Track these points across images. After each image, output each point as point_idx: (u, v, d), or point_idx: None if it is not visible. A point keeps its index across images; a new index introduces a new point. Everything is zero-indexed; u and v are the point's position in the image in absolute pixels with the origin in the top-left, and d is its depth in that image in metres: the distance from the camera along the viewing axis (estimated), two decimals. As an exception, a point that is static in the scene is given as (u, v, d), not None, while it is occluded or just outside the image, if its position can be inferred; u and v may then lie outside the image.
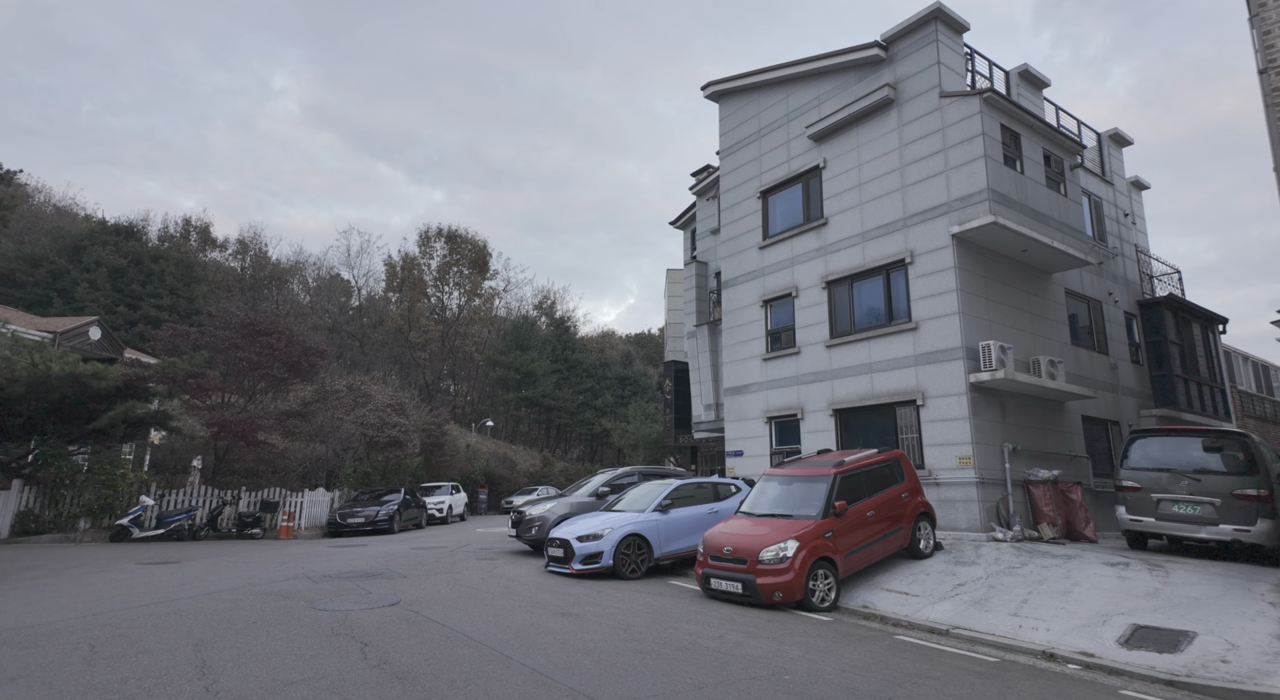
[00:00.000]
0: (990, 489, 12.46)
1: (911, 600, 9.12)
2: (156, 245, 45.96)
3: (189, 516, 18.35)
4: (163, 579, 10.27)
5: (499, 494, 42.88)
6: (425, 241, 62.53)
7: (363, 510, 21.22)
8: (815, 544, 9.16)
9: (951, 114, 13.49)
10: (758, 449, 16.61)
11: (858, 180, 15.19)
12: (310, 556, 13.40)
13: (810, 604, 8.96)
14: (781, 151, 17.25)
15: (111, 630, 6.69)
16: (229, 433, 18.93)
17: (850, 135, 15.52)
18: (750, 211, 17.90)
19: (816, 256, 15.85)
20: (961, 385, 12.60)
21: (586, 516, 12.58)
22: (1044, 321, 14.72)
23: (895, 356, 13.80)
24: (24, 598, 8.63)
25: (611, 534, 11.24)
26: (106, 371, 18.17)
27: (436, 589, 9.48)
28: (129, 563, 12.46)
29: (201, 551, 14.58)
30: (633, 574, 11.23)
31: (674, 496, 12.27)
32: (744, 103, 18.62)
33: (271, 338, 19.80)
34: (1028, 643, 7.24)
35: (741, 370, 17.41)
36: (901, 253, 14.02)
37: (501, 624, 7.33)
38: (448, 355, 61.82)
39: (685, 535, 12.01)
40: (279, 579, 10.19)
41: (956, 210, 13.16)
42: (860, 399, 14.34)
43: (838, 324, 15.21)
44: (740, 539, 9.48)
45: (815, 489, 10.04)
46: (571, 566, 11.17)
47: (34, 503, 17.12)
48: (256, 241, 56.19)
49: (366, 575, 10.63)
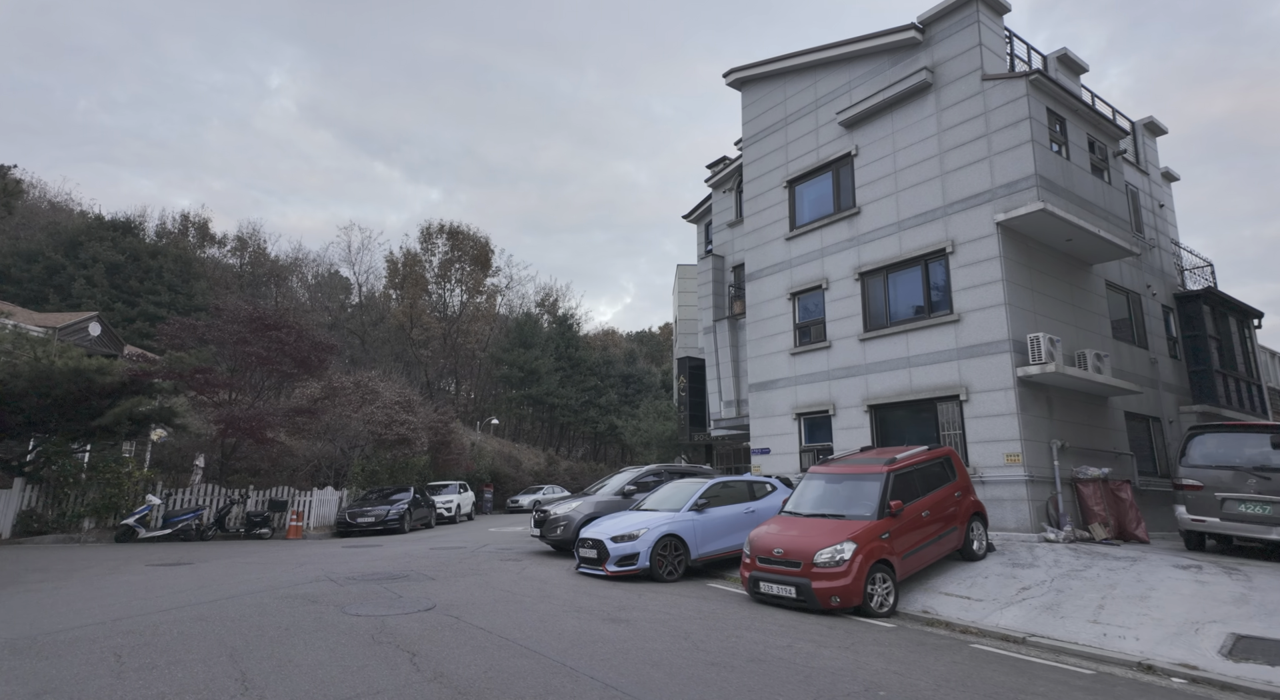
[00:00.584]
0: (1039, 487, 11.94)
1: (975, 605, 8.61)
2: (154, 241, 45.24)
3: (196, 516, 17.81)
4: (178, 581, 9.75)
5: (504, 493, 42.33)
6: (427, 238, 61.84)
7: (372, 509, 20.70)
8: (872, 546, 8.65)
9: (995, 97, 12.97)
10: (786, 446, 16.09)
11: (893, 167, 14.67)
12: (326, 558, 12.87)
13: (868, 609, 8.45)
14: (810, 139, 16.72)
15: (135, 638, 6.17)
16: (237, 430, 18.37)
17: (884, 121, 14.99)
18: (776, 201, 17.37)
19: (849, 247, 15.33)
20: (1009, 379, 12.08)
21: (616, 516, 12.06)
22: (1086, 314, 14.21)
23: (936, 350, 13.29)
24: (36, 602, 8.09)
25: (647, 534, 10.72)
26: (111, 367, 17.59)
27: (469, 592, 8.97)
28: (139, 564, 11.94)
29: (212, 552, 14.03)
30: (670, 576, 10.71)
31: (709, 495, 11.74)
32: (769, 90, 18.08)
33: (281, 332, 19.20)
34: (1117, 652, 6.73)
35: (767, 365, 16.89)
36: (941, 242, 13.50)
37: (551, 631, 6.82)
38: (449, 353, 61.23)
39: (722, 536, 11.49)
40: (300, 582, 9.67)
41: (1001, 198, 12.65)
42: (898, 394, 13.82)
43: (872, 317, 14.69)
44: (792, 541, 8.96)
45: (867, 488, 9.53)
46: (606, 568, 10.66)
47: (36, 502, 16.56)
48: (255, 238, 55.54)
49: (392, 577, 10.11)
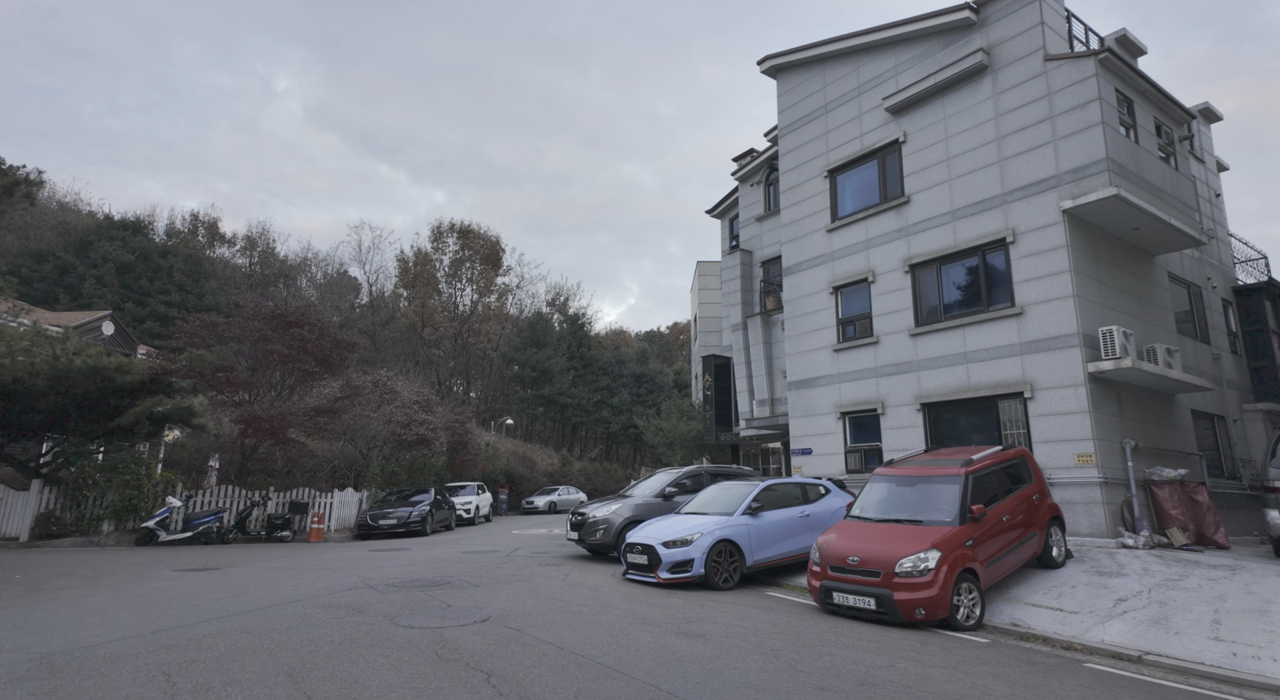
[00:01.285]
0: (1113, 490, 11.25)
1: (1070, 618, 7.95)
2: (164, 241, 44.91)
3: (217, 519, 17.29)
4: (210, 589, 9.19)
5: (518, 494, 41.77)
6: (438, 236, 61.37)
7: (394, 511, 20.17)
8: (957, 554, 8.01)
9: (1059, 78, 12.28)
10: (829, 447, 15.44)
11: (945, 154, 14.00)
12: (357, 562, 12.29)
13: (954, 622, 7.81)
14: (852, 126, 16.05)
15: (180, 653, 5.61)
16: (257, 430, 17.84)
17: (935, 106, 14.31)
18: (816, 192, 16.71)
19: (897, 238, 14.66)
20: (1079, 375, 11.39)
21: (662, 520, 11.43)
22: (1151, 307, 13.51)
23: (996, 345, 12.61)
24: (66, 611, 7.54)
25: (701, 540, 10.10)
26: (131, 365, 17.10)
27: (520, 601, 8.38)
28: (166, 569, 11.40)
29: (237, 556, 13.48)
30: (725, 584, 10.10)
31: (762, 498, 11.11)
32: (807, 76, 17.42)
33: (303, 329, 18.65)
34: (1256, 675, 6.07)
35: (808, 362, 16.24)
36: (1001, 231, 12.82)
37: (626, 646, 6.22)
38: (460, 353, 60.76)
39: (778, 541, 10.87)
40: (339, 589, 9.10)
41: (1068, 183, 11.96)
42: (954, 392, 13.15)
43: (924, 310, 14.02)
44: (868, 548, 8.33)
45: (943, 491, 8.89)
46: (658, 575, 10.04)
47: (55, 504, 16.07)
48: (264, 237, 55.16)
49: (434, 584, 9.53)
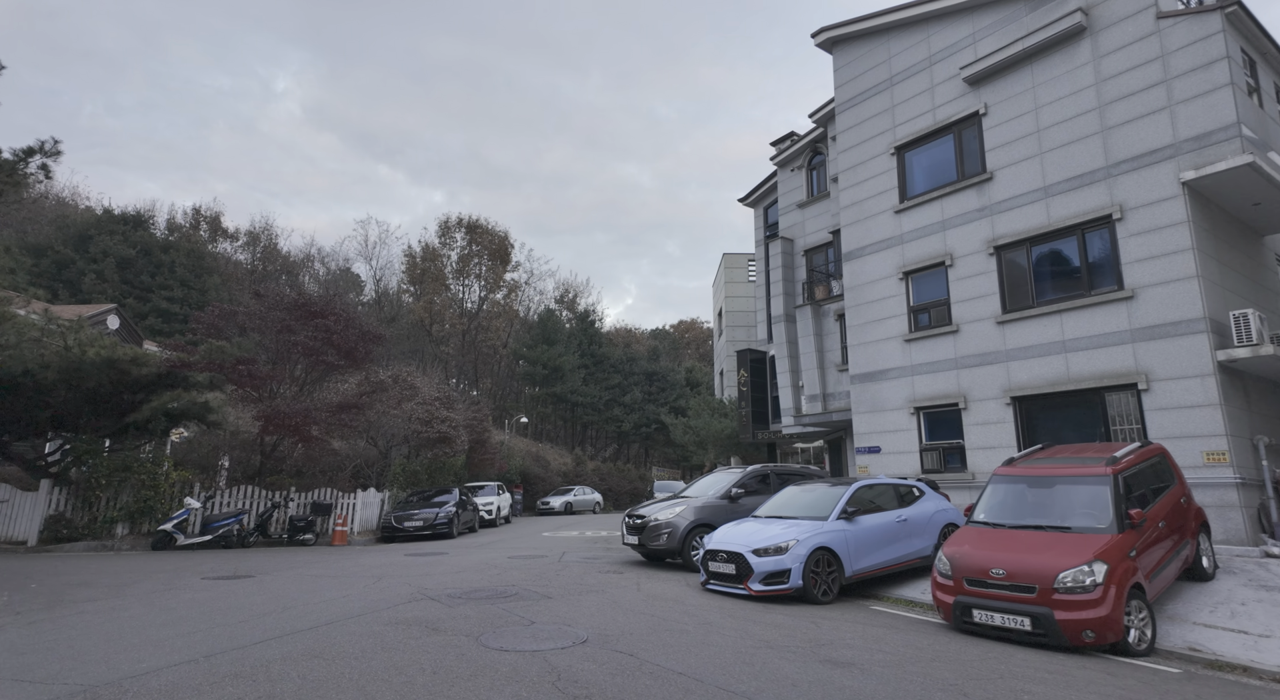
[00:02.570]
0: (1249, 491, 10.11)
1: (1262, 642, 6.80)
2: (165, 236, 43.83)
3: (238, 521, 16.19)
4: (251, 601, 8.08)
5: (532, 494, 40.68)
6: (445, 231, 60.31)
7: (419, 513, 19.08)
8: (1124, 566, 6.86)
9: (1176, 37, 11.14)
10: (900, 444, 14.31)
11: (1035, 126, 12.86)
12: (398, 568, 11.15)
13: (1127, 646, 6.67)
14: (923, 100, 14.92)
15: (250, 686, 4.56)
16: (280, 427, 16.71)
17: (1022, 75, 13.18)
18: (880, 170, 15.58)
19: (978, 218, 13.53)
20: (1206, 365, 10.25)
21: (740, 525, 10.29)
22: (1264, 291, 12.37)
23: (1101, 332, 11.48)
24: (99, 628, 6.43)
25: (797, 548, 8.96)
26: (147, 357, 16.00)
27: (606, 616, 7.28)
28: (193, 577, 10.30)
29: (266, 562, 12.34)
30: (824, 597, 8.97)
31: (857, 501, 10.00)
32: (868, 48, 16.29)
33: (328, 319, 17.52)
34: None
35: (874, 354, 15.10)
36: (1105, 207, 11.68)
37: (775, 679, 5.15)
38: (468, 350, 59.66)
39: (877, 549, 9.74)
40: (396, 601, 7.99)
41: (1189, 152, 10.81)
42: (1050, 384, 12.01)
43: (1013, 295, 12.88)
44: (1014, 559, 7.19)
45: (1088, 493, 7.74)
46: (748, 586, 8.92)
47: (65, 506, 14.97)
48: (267, 233, 53.99)
49: (500, 596, 8.42)
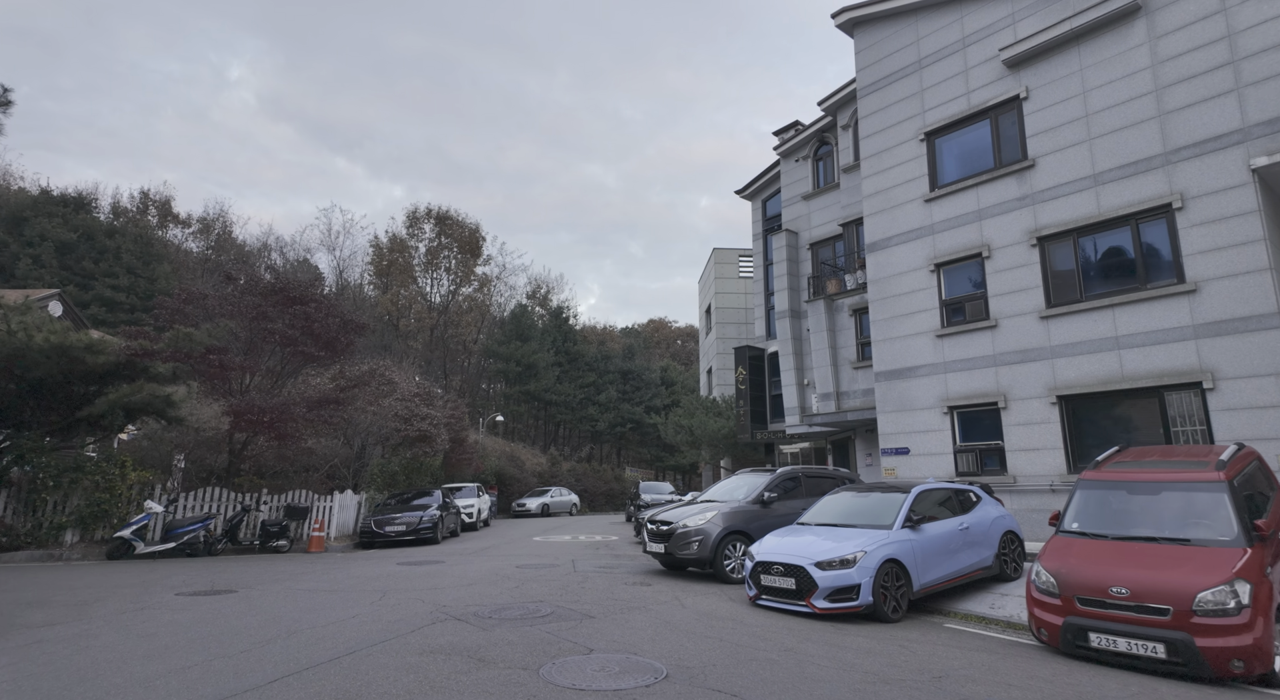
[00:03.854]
0: (1326, 498, 9.54)
1: None
2: (110, 219, 40.97)
3: (204, 526, 14.68)
4: (244, 623, 6.82)
5: (507, 495, 39.28)
6: (413, 222, 58.29)
7: (400, 517, 17.75)
8: (1265, 586, 6.07)
9: (1245, 15, 10.55)
10: (931, 445, 13.55)
11: (1083, 110, 12.20)
12: (398, 580, 9.88)
13: (1273, 676, 5.90)
14: (956, 83, 14.19)
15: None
16: (254, 423, 15.20)
17: (1069, 56, 12.51)
18: (909, 157, 14.81)
19: (1018, 207, 12.83)
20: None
21: (790, 534, 9.27)
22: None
23: (1159, 327, 10.84)
24: (69, 664, 5.16)
25: (866, 560, 8.02)
26: (104, 345, 14.36)
27: (671, 641, 6.26)
28: (165, 591, 8.95)
29: (244, 573, 10.93)
30: (895, 614, 8.06)
31: (918, 507, 9.13)
32: (895, 30, 15.52)
33: (309, 306, 16.04)
34: None
35: (901, 350, 14.33)
36: (1162, 196, 11.05)
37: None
38: (437, 346, 57.76)
39: (942, 560, 8.86)
40: (418, 623, 6.83)
41: (1259, 137, 10.22)
42: (1101, 383, 11.34)
43: (1058, 289, 12.20)
44: (1137, 576, 6.34)
45: (1202, 501, 6.94)
46: (812, 603, 7.96)
47: (4, 511, 13.30)
48: (222, 220, 51.21)
49: (534, 615, 7.32)
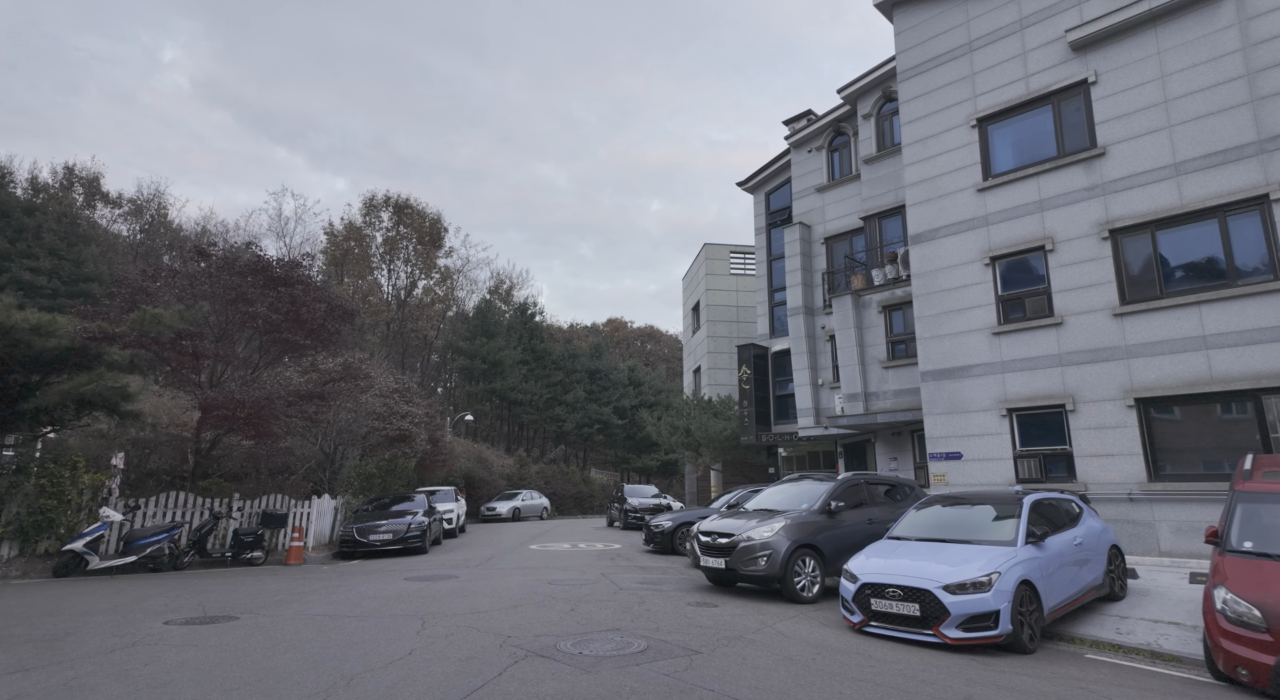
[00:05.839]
0: None
1: None
2: (30, 196, 37.33)
3: (170, 537, 12.81)
4: (279, 664, 5.31)
5: (475, 499, 37.33)
6: (370, 209, 55.45)
7: (385, 524, 16.00)
8: None
9: (1350, -3, 10.00)
10: (987, 450, 12.69)
11: (1161, 96, 11.51)
12: (423, 601, 8.36)
13: None
14: (1013, 67, 13.40)
15: None
16: (229, 419, 13.36)
17: (1144, 39, 11.82)
18: (957, 144, 13.97)
19: (1087, 197, 12.08)
20: (1399, 364, 9.06)
21: (902, 551, 7.90)
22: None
23: (1255, 327, 10.15)
24: None
25: (1001, 582, 6.93)
26: (54, 326, 12.33)
27: (817, 687, 5.17)
28: (150, 619, 7.27)
29: (231, 592, 9.18)
30: (1032, 643, 7.03)
31: (1035, 520, 8.12)
32: (940, 10, 14.68)
33: (295, 289, 14.23)
34: None
35: (951, 348, 13.45)
36: (1257, 186, 10.38)
37: None
38: (395, 341, 55.24)
39: (1065, 581, 7.85)
40: (498, 662, 5.44)
41: (1369, 125, 9.66)
42: (1186, 385, 10.61)
43: (1133, 285, 11.45)
44: None
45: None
46: (942, 632, 6.85)
47: (-70, 519, 11.26)
48: (157, 201, 47.30)
49: (628, 650, 6.04)
